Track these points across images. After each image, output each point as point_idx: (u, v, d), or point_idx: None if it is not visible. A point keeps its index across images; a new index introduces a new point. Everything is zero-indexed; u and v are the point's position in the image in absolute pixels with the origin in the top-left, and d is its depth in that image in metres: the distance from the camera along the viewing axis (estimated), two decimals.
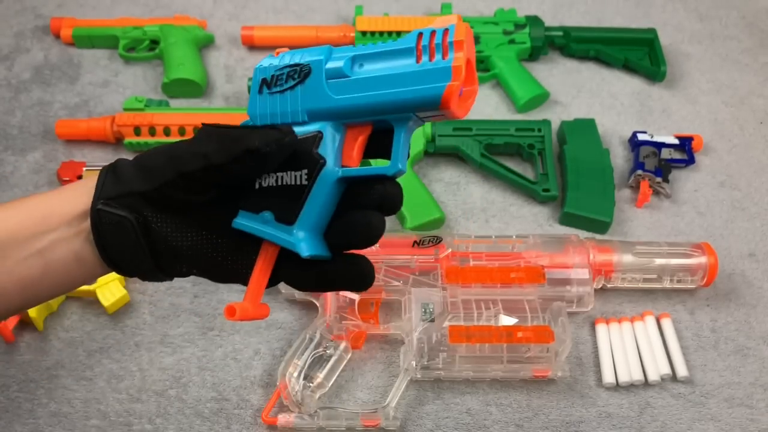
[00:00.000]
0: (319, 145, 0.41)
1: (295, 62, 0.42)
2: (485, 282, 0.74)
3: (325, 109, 0.41)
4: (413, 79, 0.39)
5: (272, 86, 0.42)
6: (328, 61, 0.41)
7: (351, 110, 0.41)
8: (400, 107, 0.40)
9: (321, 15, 1.08)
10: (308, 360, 0.71)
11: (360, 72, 0.41)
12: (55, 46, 1.03)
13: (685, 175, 0.92)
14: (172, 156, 0.41)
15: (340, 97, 0.40)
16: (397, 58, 0.40)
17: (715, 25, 1.09)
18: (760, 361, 0.77)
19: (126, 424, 0.71)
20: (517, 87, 0.97)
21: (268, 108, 0.42)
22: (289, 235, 0.41)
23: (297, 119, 0.42)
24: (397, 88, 0.39)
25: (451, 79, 0.38)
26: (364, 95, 0.40)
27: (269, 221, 0.41)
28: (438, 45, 0.38)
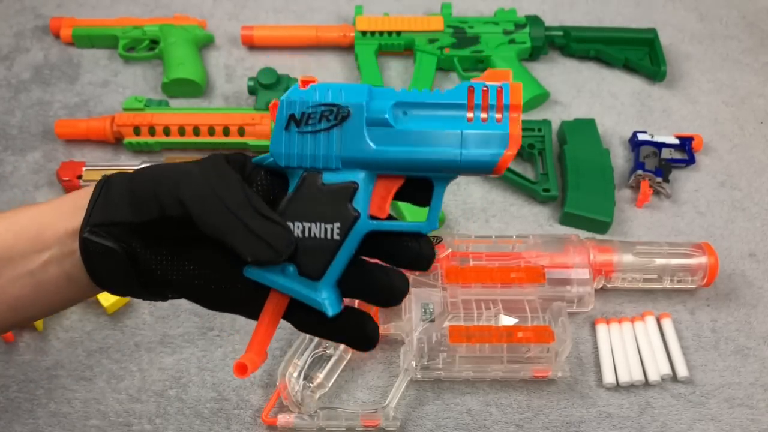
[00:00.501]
0: (354, 197, 0.38)
1: (330, 101, 0.38)
2: (485, 282, 0.74)
3: (364, 159, 0.38)
4: (465, 141, 0.37)
5: (302, 124, 0.38)
6: (370, 105, 0.38)
7: (393, 164, 0.38)
8: (448, 168, 0.38)
9: (321, 15, 1.08)
10: (308, 360, 0.71)
11: (405, 122, 0.38)
12: (55, 45, 1.03)
13: (686, 175, 0.92)
14: (155, 192, 0.38)
15: (382, 148, 0.37)
16: (446, 111, 0.37)
17: (716, 24, 1.09)
18: (760, 362, 0.77)
19: (126, 424, 0.71)
20: None
21: (296, 148, 0.38)
22: (315, 292, 0.38)
23: (329, 165, 0.38)
24: (447, 147, 0.37)
25: (508, 147, 0.36)
26: (409, 149, 0.37)
27: (290, 275, 0.38)
28: (492, 105, 0.36)
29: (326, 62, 1.03)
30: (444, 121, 0.37)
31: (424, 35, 1.01)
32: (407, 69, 1.03)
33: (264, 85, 0.92)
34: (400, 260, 0.39)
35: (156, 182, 0.39)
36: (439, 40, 1.00)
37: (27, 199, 0.87)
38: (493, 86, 0.37)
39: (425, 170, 0.38)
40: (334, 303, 0.38)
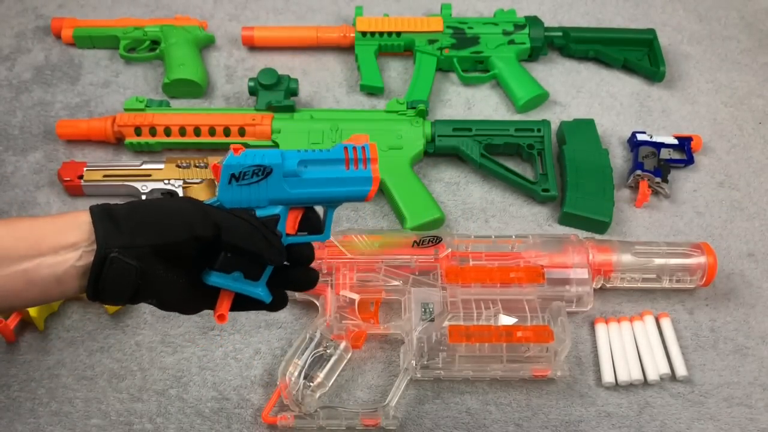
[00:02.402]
0: (278, 224, 0.55)
1: (257, 163, 0.54)
2: (485, 282, 0.74)
3: (283, 199, 0.55)
4: (347, 182, 0.56)
5: (240, 180, 0.53)
6: (284, 163, 0.54)
7: (302, 200, 0.55)
8: (336, 200, 0.57)
9: (321, 15, 1.09)
10: (308, 359, 0.71)
11: (307, 173, 0.55)
12: (56, 46, 1.03)
13: (684, 175, 0.93)
14: (186, 220, 0.51)
15: (295, 191, 0.55)
16: (332, 164, 0.56)
17: (715, 25, 1.10)
18: (759, 361, 0.77)
19: (127, 424, 0.72)
20: (517, 87, 0.97)
21: (237, 196, 0.54)
22: (256, 289, 0.54)
23: (260, 205, 0.54)
24: (337, 187, 0.56)
25: (372, 185, 0.56)
26: (313, 191, 0.55)
27: (239, 279, 0.53)
28: (360, 159, 0.56)
29: (326, 63, 1.03)
30: (332, 171, 0.56)
31: (423, 36, 1.01)
32: (407, 69, 1.03)
33: (264, 86, 0.92)
34: (303, 259, 0.57)
35: (182, 214, 0.51)
36: (438, 40, 1.01)
37: (28, 199, 0.87)
38: (359, 146, 0.56)
39: (322, 202, 0.57)
40: (268, 294, 0.55)
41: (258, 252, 0.52)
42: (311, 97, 0.99)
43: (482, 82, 1.01)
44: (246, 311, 0.58)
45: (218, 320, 0.54)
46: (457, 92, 1.01)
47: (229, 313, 0.54)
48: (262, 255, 0.52)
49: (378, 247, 0.76)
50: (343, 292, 0.74)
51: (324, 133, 0.89)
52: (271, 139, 0.90)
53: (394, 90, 1.01)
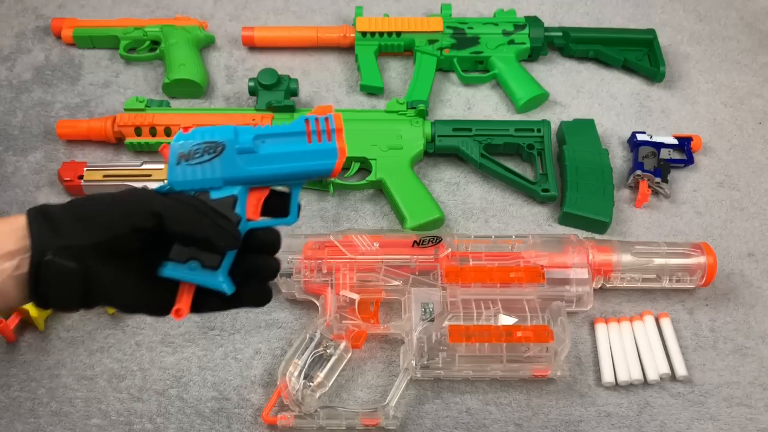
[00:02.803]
0: (235, 206, 0.50)
1: (208, 139, 0.50)
2: (485, 282, 0.74)
3: (240, 178, 0.50)
4: (309, 156, 0.51)
5: (190, 159, 0.50)
6: (238, 138, 0.50)
7: (260, 179, 0.51)
8: (299, 177, 0.52)
9: (321, 16, 1.09)
10: (308, 359, 0.71)
11: (264, 148, 0.50)
12: (56, 46, 1.03)
13: (684, 175, 0.93)
14: (124, 211, 0.47)
15: (251, 168, 0.50)
16: (293, 138, 0.51)
17: (714, 25, 1.10)
18: (758, 361, 0.77)
19: (127, 424, 0.72)
20: (517, 87, 0.97)
21: (188, 176, 0.50)
22: (215, 279, 0.49)
23: (215, 185, 0.50)
24: (298, 162, 0.51)
25: (338, 157, 0.51)
26: (272, 167, 0.50)
27: (196, 269, 0.49)
28: (323, 130, 0.51)
29: (326, 63, 1.03)
30: (293, 144, 0.51)
31: (423, 36, 1.01)
32: (407, 70, 1.03)
33: (264, 86, 0.92)
34: (267, 245, 0.52)
35: (120, 205, 0.47)
36: (438, 40, 1.01)
37: (28, 199, 0.87)
38: (322, 117, 0.51)
39: (283, 181, 0.52)
40: (230, 285, 0.50)
41: (206, 238, 0.47)
42: (311, 97, 0.99)
43: (482, 82, 1.01)
44: (229, 309, 0.53)
45: (175, 315, 0.49)
46: (457, 92, 1.01)
47: (229, 312, 0.52)
48: (210, 241, 0.48)
49: (378, 246, 0.76)
50: (343, 292, 0.74)
51: None
52: None
53: (394, 90, 1.01)
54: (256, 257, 0.52)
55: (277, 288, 0.78)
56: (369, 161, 0.88)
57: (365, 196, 0.90)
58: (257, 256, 0.52)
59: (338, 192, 0.90)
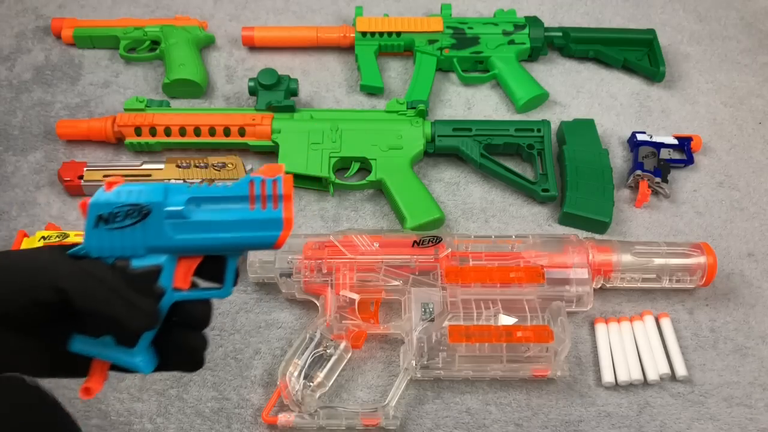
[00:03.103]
0: (159, 277, 0.44)
1: (133, 201, 0.44)
2: (485, 282, 0.74)
3: (166, 247, 0.44)
4: (250, 225, 0.44)
5: (110, 222, 0.44)
6: (167, 201, 0.44)
7: (190, 249, 0.44)
8: (236, 248, 0.45)
9: (321, 16, 1.09)
10: (308, 359, 0.71)
11: (198, 213, 0.44)
12: (56, 46, 1.03)
13: (684, 175, 0.93)
14: (24, 284, 0.42)
15: (180, 236, 0.44)
16: (232, 203, 0.44)
17: (714, 25, 1.10)
18: (758, 361, 0.77)
19: (127, 424, 0.72)
20: (517, 87, 0.97)
21: (107, 242, 0.44)
22: (131, 358, 0.44)
23: (136, 253, 0.44)
24: (235, 232, 0.44)
25: (283, 229, 0.44)
26: (204, 237, 0.44)
27: (109, 344, 0.44)
28: (269, 195, 0.44)
29: (326, 63, 1.03)
30: (231, 211, 0.44)
31: (423, 36, 1.01)
32: (407, 70, 1.03)
33: (264, 86, 0.92)
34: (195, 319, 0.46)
35: (20, 275, 0.42)
36: (438, 40, 1.01)
37: (28, 199, 0.87)
38: (269, 180, 0.44)
39: (219, 251, 0.45)
40: (148, 364, 0.45)
41: (115, 318, 0.42)
42: (311, 97, 0.99)
43: (482, 82, 1.01)
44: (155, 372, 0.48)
45: (82, 394, 0.44)
46: (457, 92, 1.01)
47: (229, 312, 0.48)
48: (121, 321, 0.42)
49: (378, 246, 0.76)
50: (343, 292, 0.74)
51: (324, 133, 0.89)
52: (271, 139, 0.90)
53: (394, 90, 1.01)
54: (178, 335, 0.46)
55: (277, 288, 0.78)
56: (369, 161, 0.88)
57: (365, 196, 0.90)
58: (180, 333, 0.46)
59: (338, 192, 0.90)
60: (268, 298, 0.80)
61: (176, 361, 0.47)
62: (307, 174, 0.87)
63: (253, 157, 0.92)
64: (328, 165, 0.87)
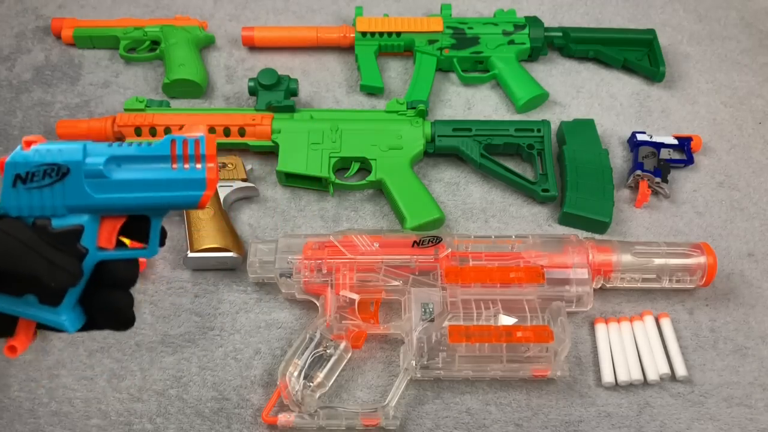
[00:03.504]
0: (81, 237, 0.44)
1: (51, 161, 0.43)
2: (485, 282, 0.74)
3: (86, 206, 0.44)
4: (172, 185, 0.44)
5: (28, 182, 0.43)
6: (86, 160, 0.44)
7: (112, 208, 0.44)
8: (159, 208, 0.45)
9: (321, 16, 1.09)
10: (308, 359, 0.71)
11: (118, 173, 0.44)
12: (56, 46, 1.03)
13: (684, 176, 0.93)
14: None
15: (101, 196, 0.44)
16: (154, 162, 0.44)
17: (714, 25, 1.10)
18: (758, 361, 0.77)
19: (126, 424, 0.72)
20: (517, 87, 0.97)
21: (25, 201, 0.43)
22: (56, 316, 0.44)
23: (56, 213, 0.44)
24: (157, 192, 0.44)
25: (206, 189, 0.44)
26: (124, 196, 0.44)
27: (33, 303, 0.44)
28: (191, 155, 0.44)
29: (326, 63, 1.03)
30: (153, 170, 0.44)
31: (423, 36, 1.01)
32: (407, 70, 1.03)
33: (264, 86, 0.92)
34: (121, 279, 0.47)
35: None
36: (438, 41, 1.01)
37: None
38: (191, 139, 0.44)
39: (140, 210, 0.45)
40: (74, 322, 0.45)
41: (34, 275, 0.42)
42: (311, 97, 0.99)
43: (482, 83, 1.01)
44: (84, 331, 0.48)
45: (7, 352, 0.44)
46: (457, 92, 1.01)
47: (229, 312, 0.48)
48: (39, 279, 0.42)
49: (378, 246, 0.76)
50: (343, 292, 0.74)
51: (324, 134, 0.89)
52: (271, 139, 0.90)
53: (394, 90, 1.01)
54: (105, 294, 0.46)
55: (277, 288, 0.78)
56: (369, 161, 0.88)
57: (365, 196, 0.90)
58: (106, 292, 0.46)
59: (338, 192, 0.90)
60: (268, 298, 0.80)
61: (104, 320, 0.47)
62: (307, 174, 0.87)
63: (253, 157, 0.92)
64: (328, 165, 0.87)
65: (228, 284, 0.81)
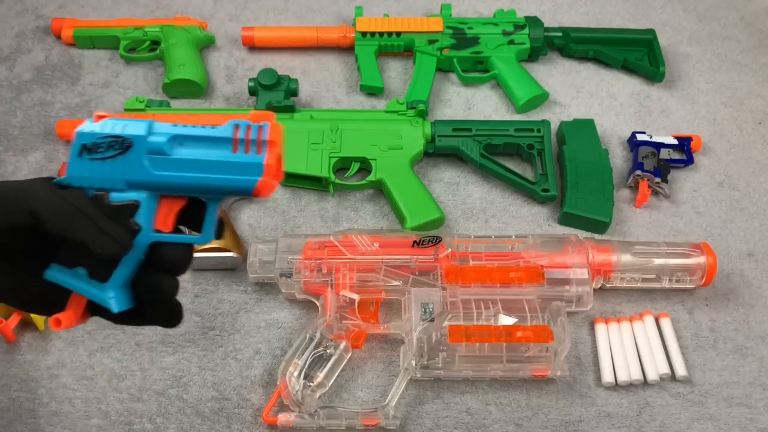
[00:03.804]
0: (136, 213, 0.44)
1: (116, 133, 0.44)
2: (485, 282, 0.74)
3: (144, 182, 0.44)
4: (229, 168, 0.43)
5: (92, 153, 0.44)
6: (150, 137, 0.44)
7: (169, 187, 0.44)
8: (214, 191, 0.44)
9: (321, 16, 1.09)
10: (308, 359, 0.71)
11: (179, 152, 0.44)
12: (56, 46, 1.03)
13: (684, 175, 0.93)
14: (3, 207, 0.42)
15: (160, 173, 0.44)
16: (215, 144, 0.44)
17: (714, 25, 1.10)
18: (758, 361, 0.77)
19: (127, 424, 0.72)
20: (517, 87, 0.97)
21: (87, 172, 0.44)
22: (102, 292, 0.43)
23: (116, 186, 0.44)
24: (214, 174, 0.43)
25: (263, 175, 0.43)
26: (182, 175, 0.44)
27: (82, 277, 0.44)
28: (253, 140, 0.43)
29: (326, 63, 1.03)
30: (213, 152, 0.44)
31: (423, 36, 1.01)
32: (407, 70, 1.03)
33: (264, 86, 0.92)
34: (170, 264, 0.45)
35: (5, 197, 0.42)
36: (438, 41, 1.01)
37: None
38: (255, 125, 0.44)
39: (196, 192, 0.45)
40: (120, 301, 0.44)
41: (82, 241, 0.42)
42: (311, 97, 0.99)
43: (482, 83, 1.01)
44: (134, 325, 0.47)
45: (52, 324, 0.44)
46: (456, 92, 1.01)
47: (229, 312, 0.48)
48: (87, 245, 0.42)
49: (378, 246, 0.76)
50: (343, 292, 0.74)
51: (324, 134, 0.89)
52: None
53: (394, 90, 1.01)
54: (151, 275, 0.45)
55: (277, 288, 0.78)
56: (369, 161, 0.88)
57: (365, 196, 0.90)
58: (153, 273, 0.45)
59: (338, 192, 0.90)
60: (268, 298, 0.80)
61: (149, 305, 0.46)
62: (307, 174, 0.87)
63: None
64: (328, 165, 0.87)
65: (228, 284, 0.81)
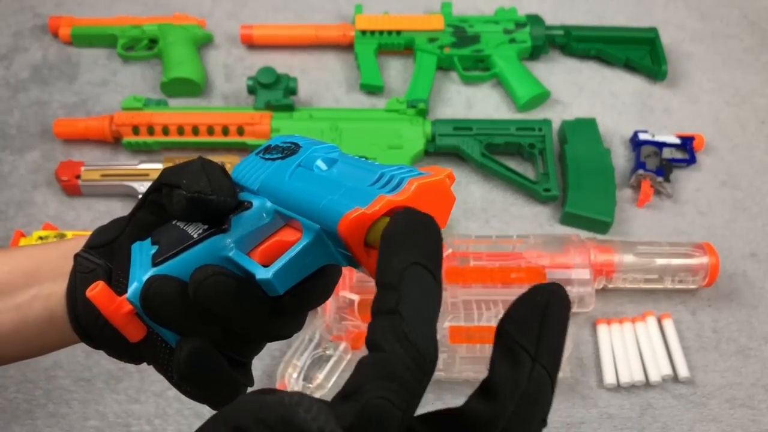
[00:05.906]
0: (239, 214, 0.37)
1: (296, 142, 0.39)
2: (486, 282, 0.74)
3: (272, 189, 0.37)
4: (342, 193, 0.33)
5: (266, 153, 0.40)
6: (312, 153, 0.37)
7: (280, 195, 0.36)
8: (307, 212, 0.34)
9: (320, 14, 1.08)
10: (308, 361, 0.71)
11: (322, 171, 0.36)
12: (54, 45, 1.02)
13: (687, 175, 0.92)
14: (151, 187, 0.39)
15: (287, 184, 0.36)
16: (360, 171, 0.34)
17: (717, 24, 1.09)
18: (761, 362, 0.77)
19: (125, 425, 0.71)
20: (518, 86, 0.97)
21: (246, 169, 0.40)
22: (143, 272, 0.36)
23: (250, 186, 0.38)
24: (324, 194, 0.33)
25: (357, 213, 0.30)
26: (299, 188, 0.35)
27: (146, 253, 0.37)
28: (395, 185, 0.32)
29: (326, 61, 1.03)
30: (350, 177, 0.34)
31: (424, 34, 1.00)
32: (407, 68, 1.02)
33: (263, 85, 0.92)
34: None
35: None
36: (439, 39, 1.00)
37: (25, 198, 0.87)
38: (415, 173, 0.33)
39: (292, 210, 0.35)
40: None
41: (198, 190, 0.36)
42: (310, 96, 0.99)
43: (483, 81, 1.01)
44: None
45: None
46: (457, 91, 1.00)
47: None
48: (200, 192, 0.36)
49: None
50: (343, 293, 0.74)
51: (323, 132, 0.89)
52: (270, 138, 0.89)
53: (394, 89, 1.00)
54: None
55: None
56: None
57: None
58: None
59: None
60: None
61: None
62: None
63: None
64: None
65: None
